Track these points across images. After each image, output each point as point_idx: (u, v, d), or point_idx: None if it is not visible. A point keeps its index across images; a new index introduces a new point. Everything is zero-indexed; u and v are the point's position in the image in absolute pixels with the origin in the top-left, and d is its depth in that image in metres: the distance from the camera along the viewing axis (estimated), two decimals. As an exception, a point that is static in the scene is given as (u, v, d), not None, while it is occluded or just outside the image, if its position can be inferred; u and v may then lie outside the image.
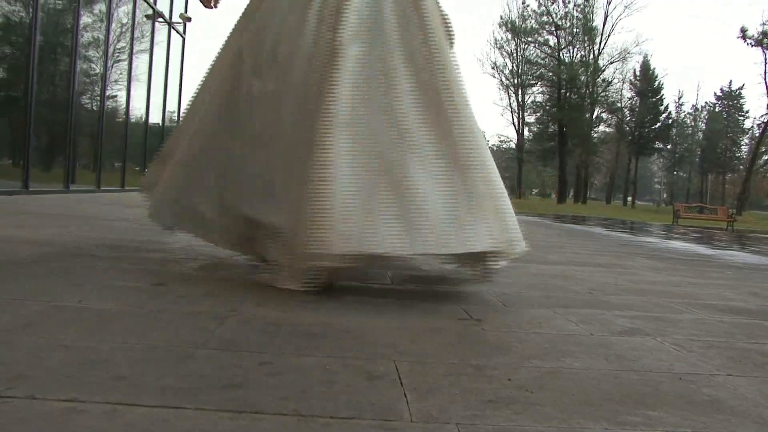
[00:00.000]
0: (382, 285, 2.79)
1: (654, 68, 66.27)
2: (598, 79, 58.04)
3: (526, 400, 1.33)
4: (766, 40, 50.49)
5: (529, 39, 59.01)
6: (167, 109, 16.13)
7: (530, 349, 1.81)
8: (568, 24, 57.79)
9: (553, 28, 58.12)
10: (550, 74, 58.71)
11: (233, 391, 1.25)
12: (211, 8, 3.25)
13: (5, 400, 1.13)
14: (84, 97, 12.25)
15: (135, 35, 13.82)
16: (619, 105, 62.35)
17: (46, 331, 1.62)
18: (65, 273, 2.53)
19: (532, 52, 59.81)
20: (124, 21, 13.48)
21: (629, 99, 65.18)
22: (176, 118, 16.22)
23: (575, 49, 58.92)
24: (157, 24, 15.05)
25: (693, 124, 77.72)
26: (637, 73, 65.27)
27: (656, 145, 66.99)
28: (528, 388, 1.41)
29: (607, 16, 58.61)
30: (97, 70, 12.56)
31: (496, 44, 61.39)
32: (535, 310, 2.46)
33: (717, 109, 76.46)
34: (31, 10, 9.30)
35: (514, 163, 64.54)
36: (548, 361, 1.69)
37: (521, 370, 1.57)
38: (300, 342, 1.69)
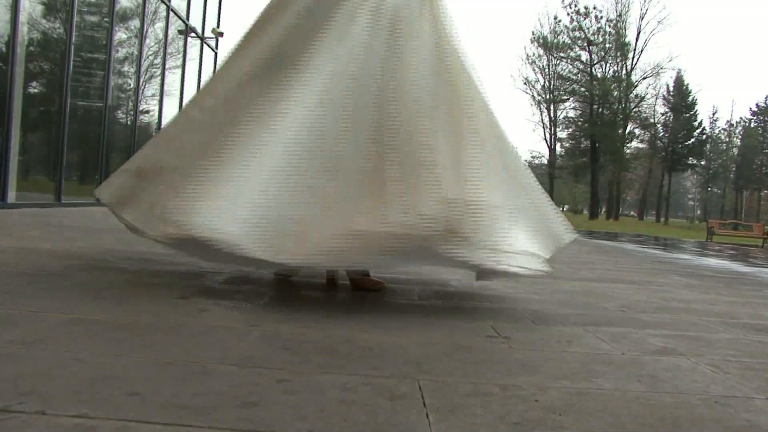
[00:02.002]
0: (408, 301, 2.73)
1: (688, 83, 65.59)
2: (631, 95, 57.55)
3: (554, 422, 1.27)
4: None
5: (561, 54, 58.68)
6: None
7: (559, 369, 1.75)
8: (601, 39, 57.42)
9: (586, 44, 57.77)
10: (583, 90, 58.31)
11: (248, 409, 1.21)
12: None
13: (14, 415, 1.10)
14: (117, 111, 12.38)
15: (168, 51, 13.96)
16: (652, 121, 61.75)
17: (61, 345, 1.59)
18: (87, 286, 2.51)
19: (564, 67, 59.45)
20: (158, 37, 13.62)
21: (662, 114, 64.54)
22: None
23: (608, 65, 58.52)
24: (189, 39, 15.20)
25: (727, 139, 76.75)
26: (671, 89, 64.63)
27: (690, 161, 66.15)
28: (556, 410, 1.35)
29: (639, 32, 58.14)
30: (131, 85, 12.70)
31: (528, 60, 60.96)
32: (565, 328, 2.39)
33: (752, 125, 75.44)
34: (66, 26, 9.42)
35: (546, 179, 64.10)
36: (577, 381, 1.63)
37: (549, 390, 1.51)
38: (321, 359, 1.65)
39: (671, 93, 64.57)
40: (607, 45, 57.56)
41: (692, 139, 64.08)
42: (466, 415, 1.27)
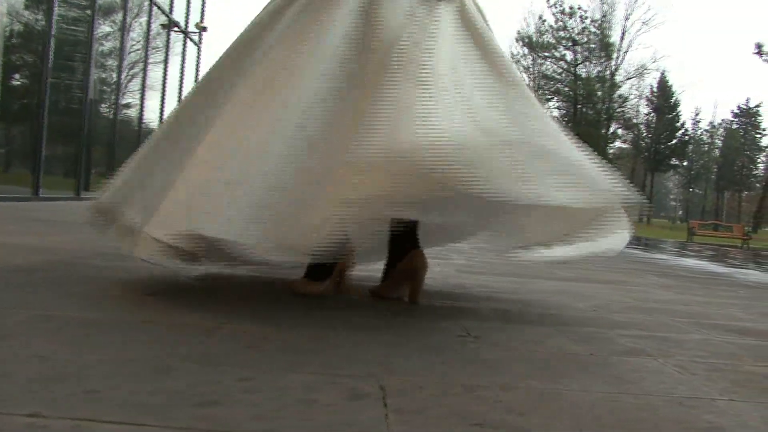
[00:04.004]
0: (382, 299, 2.73)
1: (671, 84, 65.96)
2: (615, 95, 57.82)
3: (514, 423, 1.27)
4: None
5: (546, 54, 58.85)
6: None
7: (525, 369, 1.75)
8: (585, 39, 57.64)
9: (570, 44, 57.97)
10: (567, 89, 58.51)
11: (206, 408, 1.20)
12: None
13: (-36, 414, 1.08)
14: (98, 105, 12.30)
15: (151, 45, 13.88)
16: (635, 121, 62.12)
17: (24, 342, 1.57)
18: (59, 281, 2.49)
19: (548, 66, 59.66)
20: (140, 31, 13.55)
21: (646, 115, 64.95)
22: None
23: (592, 65, 58.76)
24: (172, 34, 15.12)
25: (710, 141, 77.35)
26: (654, 90, 65.02)
27: (672, 162, 66.62)
28: (518, 411, 1.35)
29: (624, 32, 58.44)
30: (113, 79, 12.62)
31: (513, 58, 60.95)
32: (536, 328, 2.40)
33: (734, 127, 76.06)
34: (46, 19, 9.35)
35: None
36: (543, 381, 1.63)
37: (514, 391, 1.51)
38: (286, 358, 1.64)
39: (655, 94, 65.00)
40: (592, 45, 57.79)
41: (675, 140, 64.57)
42: (426, 416, 1.27)
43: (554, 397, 1.49)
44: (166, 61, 14.93)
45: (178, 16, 15.47)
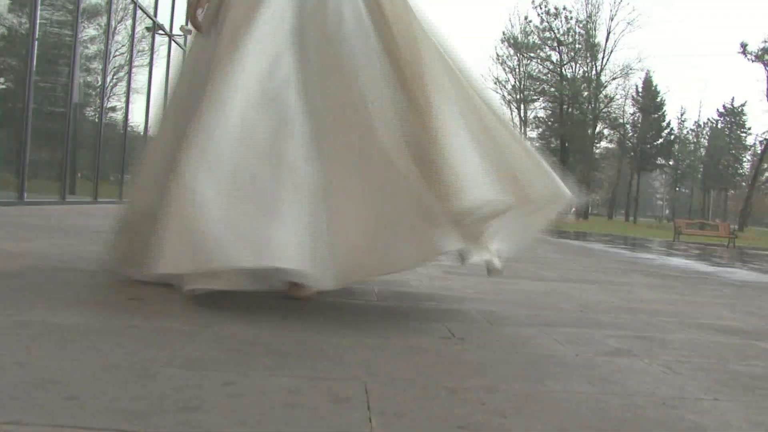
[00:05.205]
0: (366, 301, 2.72)
1: (656, 84, 66.35)
2: (601, 95, 57.99)
3: (498, 426, 1.27)
4: (766, 56, 50.57)
5: (532, 54, 58.92)
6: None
7: (510, 370, 1.75)
8: (571, 40, 57.81)
9: (556, 44, 58.10)
10: (553, 90, 58.62)
11: (189, 413, 1.19)
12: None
13: (-57, 423, 1.07)
14: (83, 109, 12.24)
15: (135, 48, 13.83)
16: (621, 121, 62.33)
17: (5, 348, 1.55)
18: (40, 287, 2.47)
19: (534, 67, 59.72)
20: (125, 34, 13.49)
21: (631, 115, 65.22)
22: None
23: (578, 65, 58.94)
24: (157, 36, 15.07)
25: (695, 140, 77.78)
26: (640, 89, 65.29)
27: (658, 161, 66.90)
28: (502, 413, 1.35)
29: (609, 33, 58.62)
30: (97, 83, 12.56)
31: (498, 59, 60.99)
32: (521, 329, 2.40)
33: (719, 126, 76.52)
34: (29, 22, 9.29)
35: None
36: (527, 383, 1.63)
37: (498, 393, 1.50)
38: (270, 361, 1.63)
39: (640, 93, 65.27)
40: (577, 45, 57.98)
41: (661, 140, 64.88)
42: (410, 418, 1.27)
43: (538, 398, 1.49)
44: (151, 64, 14.88)
45: (163, 19, 15.42)
